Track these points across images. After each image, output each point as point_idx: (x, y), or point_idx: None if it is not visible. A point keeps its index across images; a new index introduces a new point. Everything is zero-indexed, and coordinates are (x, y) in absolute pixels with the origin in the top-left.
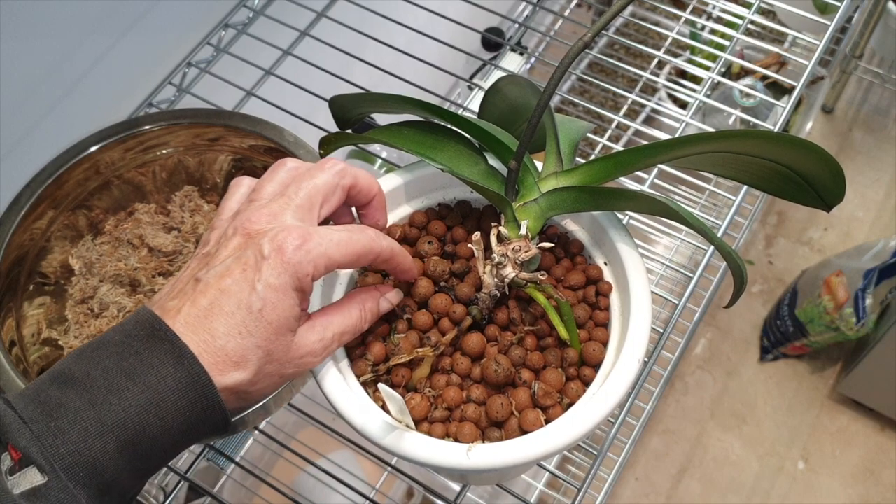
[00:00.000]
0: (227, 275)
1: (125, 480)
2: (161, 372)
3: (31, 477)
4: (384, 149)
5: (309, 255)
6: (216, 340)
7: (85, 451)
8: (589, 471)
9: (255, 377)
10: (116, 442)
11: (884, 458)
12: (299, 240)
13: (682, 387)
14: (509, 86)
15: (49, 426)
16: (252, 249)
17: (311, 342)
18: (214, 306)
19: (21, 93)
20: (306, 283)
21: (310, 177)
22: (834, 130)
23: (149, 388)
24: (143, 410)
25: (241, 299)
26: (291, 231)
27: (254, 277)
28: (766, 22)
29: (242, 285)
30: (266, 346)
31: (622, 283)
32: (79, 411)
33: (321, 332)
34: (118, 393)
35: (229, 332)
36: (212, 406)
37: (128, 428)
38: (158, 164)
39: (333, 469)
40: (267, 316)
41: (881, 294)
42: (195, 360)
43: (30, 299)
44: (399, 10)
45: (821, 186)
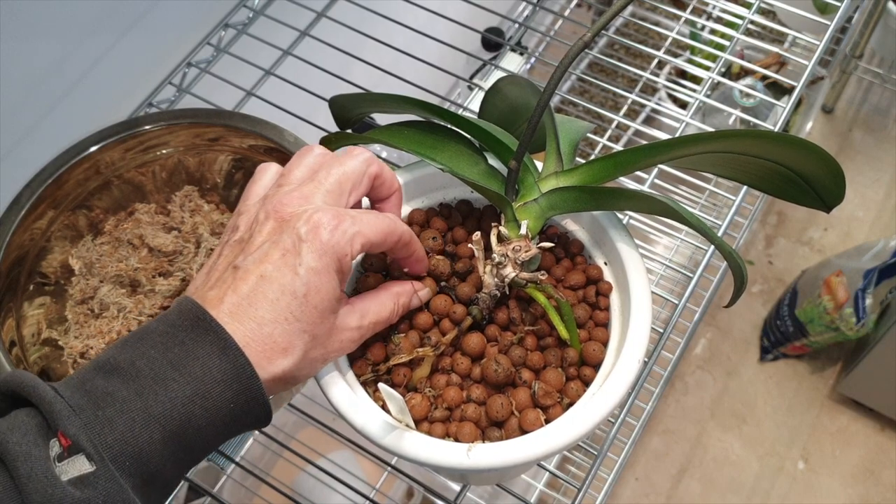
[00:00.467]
0: (266, 260)
1: (168, 471)
2: (207, 363)
3: (79, 465)
4: (384, 149)
5: (346, 235)
6: (262, 328)
7: (132, 440)
8: (589, 471)
9: (302, 362)
10: (162, 432)
11: (884, 458)
12: (335, 220)
13: (682, 387)
14: (509, 86)
15: (97, 415)
16: (288, 233)
17: (352, 326)
18: (257, 293)
19: (21, 93)
20: (346, 263)
21: (339, 163)
22: (834, 130)
23: (194, 380)
24: (188, 401)
25: (283, 284)
26: (326, 212)
27: (295, 262)
28: (766, 22)
29: (284, 270)
30: (312, 330)
31: (622, 283)
32: (125, 401)
33: (359, 318)
34: (164, 384)
35: (275, 319)
36: (255, 399)
37: (173, 419)
38: (158, 164)
39: (333, 469)
40: (311, 300)
41: (881, 294)
42: (240, 351)
43: (30, 299)
44: (399, 9)
45: (821, 187)
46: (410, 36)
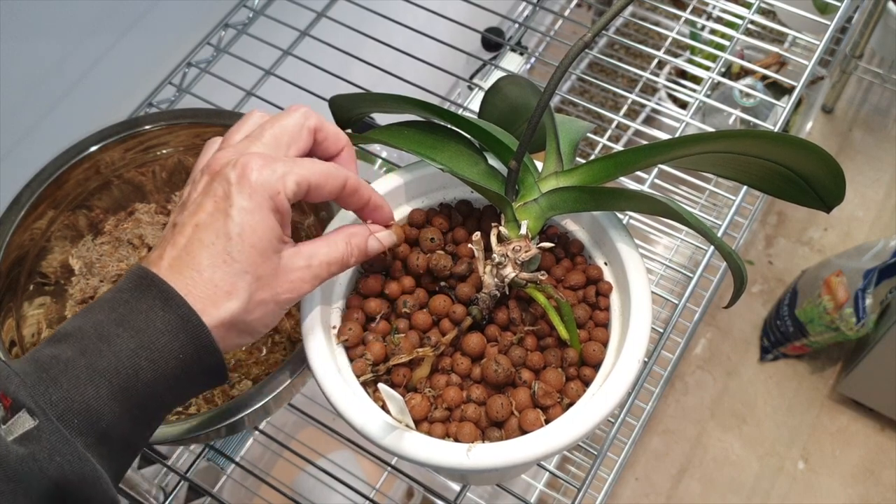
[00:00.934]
0: (199, 210)
1: (125, 428)
2: (150, 316)
3: (22, 422)
4: (384, 149)
5: (275, 174)
6: (202, 274)
7: (77, 397)
8: (589, 471)
9: (249, 304)
10: (109, 387)
11: (884, 458)
12: (263, 160)
13: (682, 387)
14: (509, 86)
15: (41, 376)
16: (219, 181)
17: (300, 266)
18: (193, 241)
19: (21, 93)
20: (280, 201)
21: (275, 120)
22: (834, 130)
23: (138, 332)
24: (133, 354)
25: (217, 229)
26: (254, 156)
27: (226, 205)
28: (766, 22)
29: (216, 216)
30: (253, 270)
31: (622, 283)
32: (70, 361)
33: (307, 258)
34: (108, 340)
35: (213, 263)
36: (204, 347)
37: (119, 373)
38: (158, 164)
39: (333, 469)
40: (248, 239)
41: (881, 294)
42: (182, 300)
43: (30, 299)
44: (399, 9)
45: (821, 187)
46: (410, 36)
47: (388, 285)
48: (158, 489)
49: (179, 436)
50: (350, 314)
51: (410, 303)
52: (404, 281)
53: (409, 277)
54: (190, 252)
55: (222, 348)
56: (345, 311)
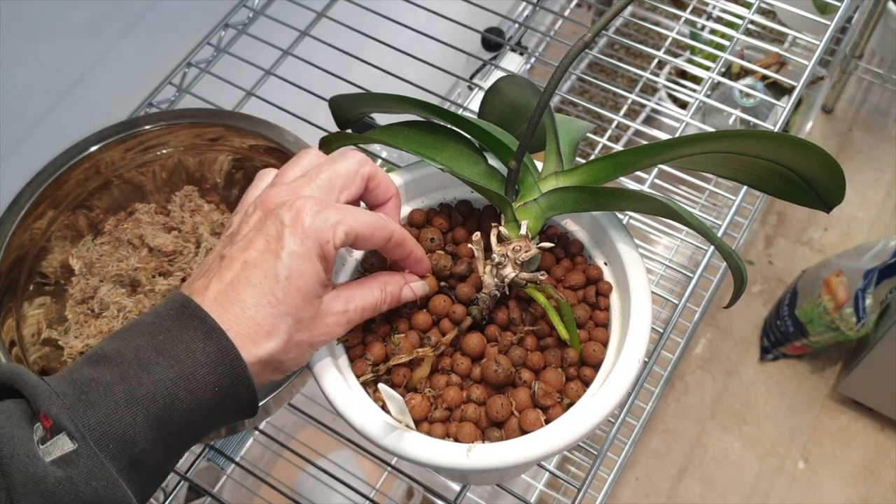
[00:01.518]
0: (249, 247)
1: (156, 455)
2: (190, 347)
3: (61, 444)
4: (384, 149)
5: (328, 222)
6: (246, 312)
7: (115, 422)
8: (589, 471)
9: (287, 345)
10: (146, 415)
11: (884, 458)
12: (316, 206)
13: (682, 387)
14: (509, 86)
15: (80, 398)
16: (272, 221)
17: (337, 311)
18: (241, 278)
19: (21, 93)
20: (328, 249)
21: (331, 163)
22: (834, 130)
23: (178, 363)
24: (172, 384)
25: (266, 269)
26: (308, 200)
27: (277, 247)
28: (766, 22)
29: (266, 255)
30: (295, 313)
31: (622, 283)
32: (109, 385)
33: (345, 303)
34: (148, 367)
35: (258, 303)
36: (241, 381)
37: (157, 401)
38: (158, 164)
39: (333, 469)
40: (294, 283)
41: (881, 294)
42: (224, 334)
43: (30, 299)
44: (399, 10)
45: (821, 187)
46: (410, 36)
47: None
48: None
49: None
50: None
51: (410, 304)
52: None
53: None
54: (236, 288)
55: (257, 382)
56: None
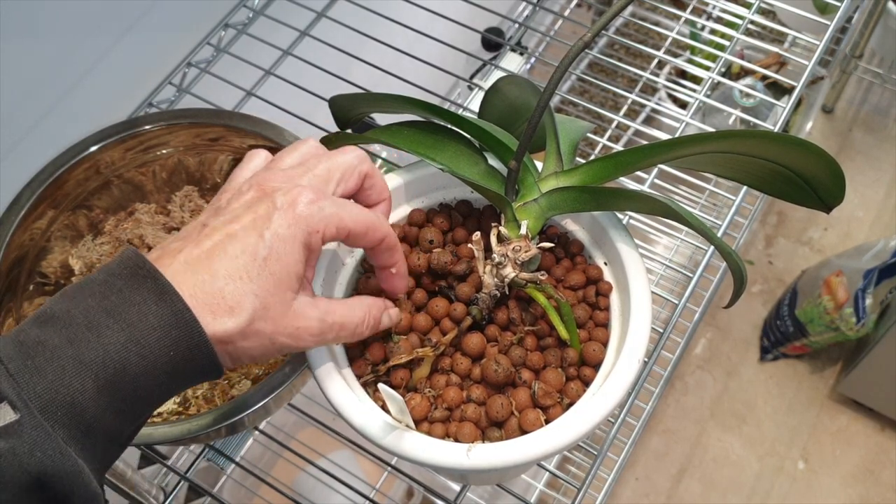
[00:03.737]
0: (235, 221)
1: (110, 422)
2: (142, 309)
3: (3, 414)
4: (384, 149)
5: (321, 212)
6: (216, 281)
7: (62, 389)
8: (589, 471)
9: (247, 329)
10: (95, 381)
11: (884, 458)
12: (313, 195)
13: (682, 387)
14: (509, 86)
15: (26, 364)
16: (265, 202)
17: (310, 317)
18: (218, 248)
19: (21, 93)
20: (315, 239)
21: (331, 155)
22: (834, 130)
23: (129, 325)
24: (122, 348)
25: (246, 244)
26: (305, 188)
27: (263, 225)
28: (766, 22)
29: (250, 232)
30: (264, 296)
31: (622, 283)
32: (56, 349)
33: (322, 313)
34: (97, 330)
35: (229, 275)
36: (198, 346)
37: (107, 366)
38: (158, 164)
39: (333, 469)
40: (271, 266)
41: (881, 294)
42: (178, 297)
43: (30, 299)
44: (399, 10)
45: (821, 187)
46: (410, 36)
47: None
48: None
49: (179, 436)
50: None
51: (410, 305)
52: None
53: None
54: (210, 256)
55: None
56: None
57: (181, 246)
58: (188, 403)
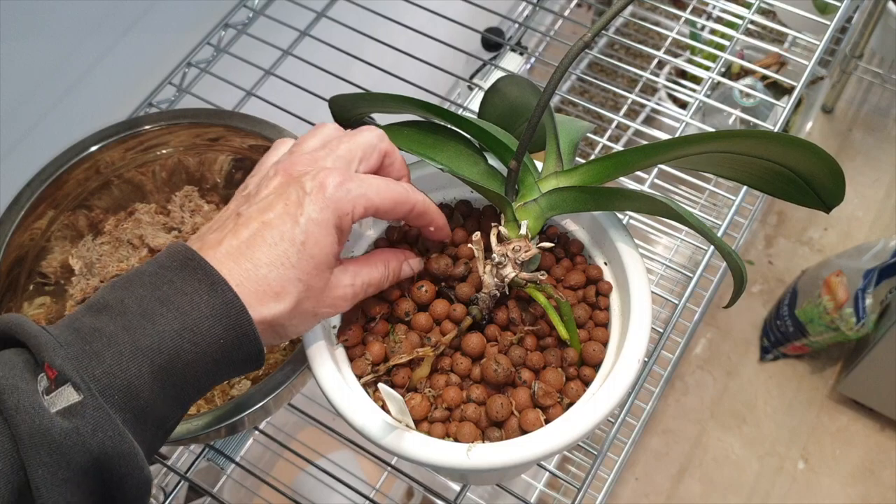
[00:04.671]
0: (269, 209)
1: (161, 407)
2: (194, 299)
3: (66, 395)
4: None
5: (350, 194)
6: (259, 270)
7: (119, 373)
8: (589, 471)
9: (293, 311)
10: (151, 366)
11: (884, 458)
12: (340, 177)
13: (682, 387)
14: (509, 86)
15: (84, 349)
16: (294, 187)
17: (344, 284)
18: (257, 237)
19: (21, 93)
20: (346, 221)
21: (352, 135)
22: (834, 130)
23: (182, 314)
24: (176, 335)
25: (283, 231)
26: (332, 171)
27: (296, 211)
28: (766, 22)
29: (285, 218)
30: (307, 279)
31: (622, 283)
32: (113, 335)
33: (352, 277)
34: (152, 318)
35: (272, 262)
36: (246, 334)
37: (162, 352)
38: (158, 164)
39: (333, 469)
40: (309, 249)
41: (881, 294)
42: (228, 287)
43: (30, 299)
44: (399, 10)
45: (820, 187)
46: (410, 36)
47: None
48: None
49: (179, 436)
50: (350, 314)
51: (409, 306)
52: (403, 281)
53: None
54: (251, 246)
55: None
56: (345, 312)
57: (220, 237)
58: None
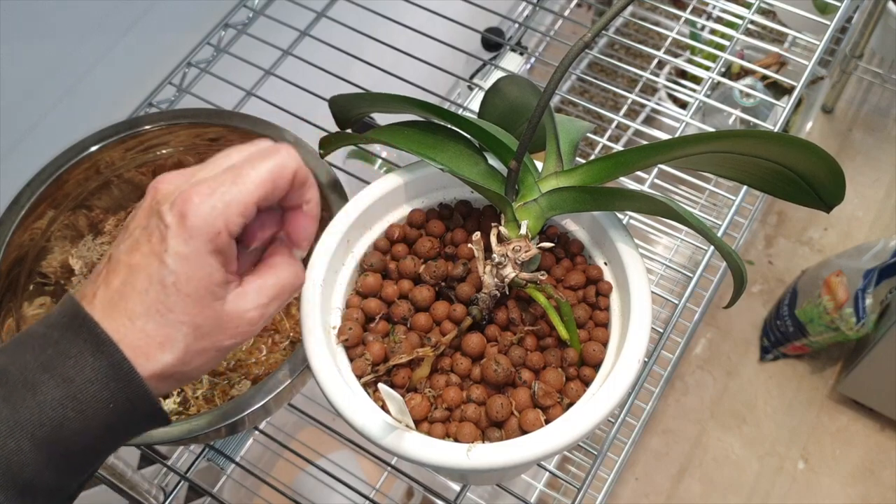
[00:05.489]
0: (135, 249)
1: (52, 479)
2: (79, 362)
3: None
4: (384, 149)
5: (215, 210)
6: (135, 322)
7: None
8: (589, 471)
9: (186, 356)
10: (32, 440)
11: (884, 458)
12: (199, 196)
13: (682, 387)
14: (509, 86)
15: None
16: (155, 218)
17: (246, 308)
18: (126, 285)
19: (21, 93)
20: (222, 241)
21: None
22: (834, 130)
23: (66, 381)
24: (59, 405)
25: (151, 274)
26: (191, 191)
27: (161, 248)
28: (766, 22)
29: (151, 259)
30: (190, 320)
31: (622, 283)
32: None
33: (255, 297)
34: (33, 387)
35: (146, 312)
36: (138, 395)
37: (43, 425)
38: (158, 164)
39: (333, 469)
40: (183, 288)
41: (881, 294)
42: (114, 346)
43: (30, 299)
44: (399, 10)
45: (820, 187)
46: (410, 36)
47: (385, 289)
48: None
49: (179, 436)
50: (350, 314)
51: (407, 308)
52: (403, 283)
53: (407, 280)
54: (123, 296)
55: (157, 394)
56: (344, 312)
57: (94, 289)
58: (188, 403)
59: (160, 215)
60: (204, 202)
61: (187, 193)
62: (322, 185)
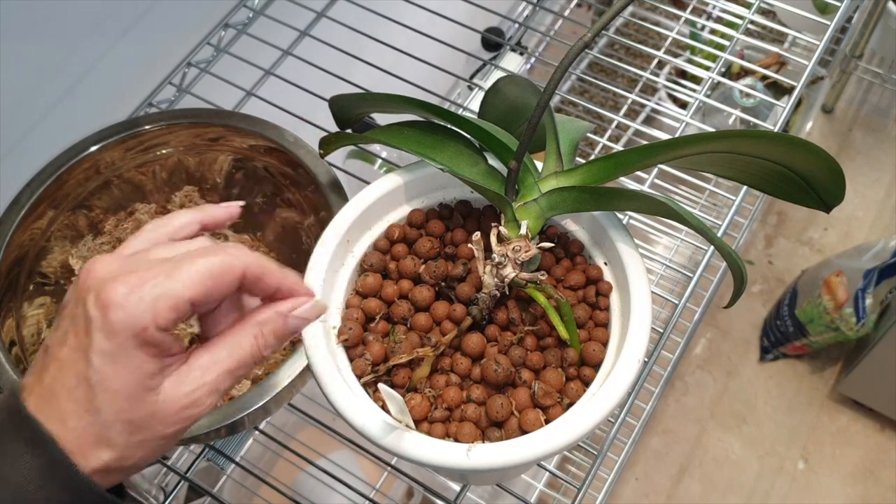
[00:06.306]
0: (63, 342)
1: None
2: (16, 461)
3: None
4: (384, 149)
5: (143, 303)
6: (67, 423)
7: None
8: (589, 471)
9: (126, 451)
10: None
11: (884, 458)
12: (126, 286)
13: (682, 387)
14: (509, 86)
15: None
16: (81, 309)
17: (186, 393)
18: (56, 383)
19: (21, 93)
20: (150, 335)
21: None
22: (834, 130)
23: (3, 481)
24: None
25: (77, 372)
26: (116, 281)
27: (86, 344)
28: (766, 22)
29: (77, 356)
30: (123, 417)
31: (622, 283)
32: None
33: (199, 377)
34: None
35: (76, 412)
36: (81, 490)
37: None
38: (158, 164)
39: (333, 469)
40: (111, 385)
41: (881, 294)
42: (53, 444)
43: (30, 299)
44: (399, 10)
45: (820, 187)
46: (410, 36)
47: (385, 289)
48: (158, 489)
49: None
50: (350, 314)
51: (407, 308)
52: (402, 283)
53: (407, 280)
54: (54, 394)
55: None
56: (344, 312)
57: (31, 381)
58: None
59: (85, 305)
60: (132, 293)
61: (113, 284)
62: (322, 185)
